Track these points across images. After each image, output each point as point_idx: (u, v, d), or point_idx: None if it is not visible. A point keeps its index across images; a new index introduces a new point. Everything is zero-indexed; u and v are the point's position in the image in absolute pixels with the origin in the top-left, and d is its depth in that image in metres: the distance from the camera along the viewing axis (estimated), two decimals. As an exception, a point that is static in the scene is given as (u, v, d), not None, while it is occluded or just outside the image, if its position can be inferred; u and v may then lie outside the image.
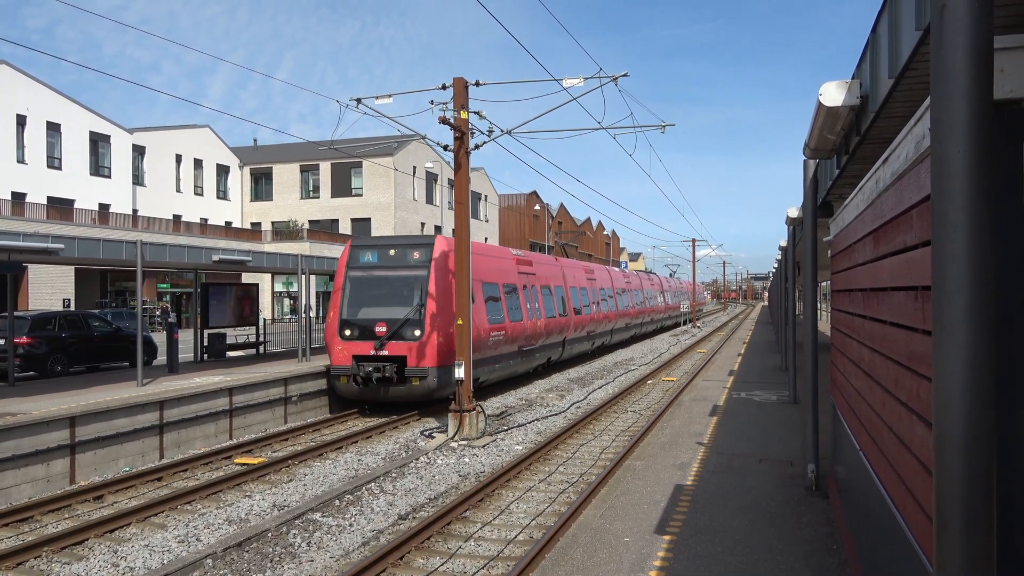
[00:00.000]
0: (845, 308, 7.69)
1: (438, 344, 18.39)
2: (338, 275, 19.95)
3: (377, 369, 18.34)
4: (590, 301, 33.37)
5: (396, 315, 18.81)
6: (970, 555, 2.34)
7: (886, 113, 6.01)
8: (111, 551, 9.39)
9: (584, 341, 32.57)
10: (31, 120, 42.92)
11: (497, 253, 24.62)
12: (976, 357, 2.33)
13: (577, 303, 31.16)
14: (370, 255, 19.81)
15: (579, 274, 33.25)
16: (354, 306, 19.33)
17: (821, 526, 9.06)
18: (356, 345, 18.86)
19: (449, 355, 18.32)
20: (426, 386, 18.32)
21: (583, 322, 31.67)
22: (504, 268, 23.58)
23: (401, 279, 19.31)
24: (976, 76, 2.36)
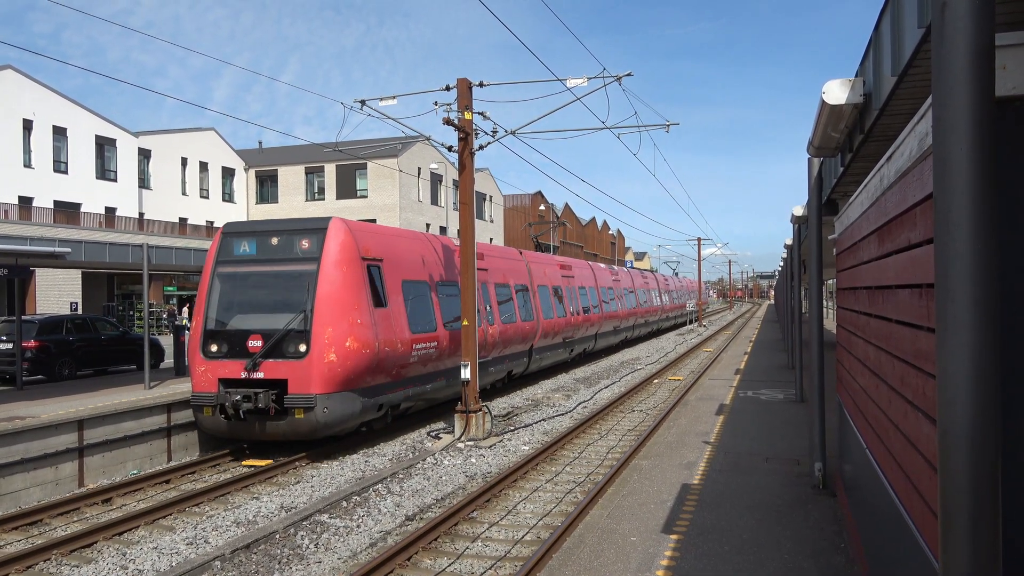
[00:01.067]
0: (851, 306, 7.68)
1: (330, 363, 14.04)
2: (205, 271, 15.58)
3: (247, 398, 13.92)
4: (567, 302, 29.15)
5: (275, 324, 14.46)
6: (976, 553, 2.34)
7: (889, 111, 6.01)
8: (120, 554, 9.43)
9: (559, 349, 28.26)
10: (37, 125, 43.11)
11: (428, 242, 19.55)
12: (980, 354, 2.33)
13: (548, 305, 26.85)
14: (247, 244, 15.42)
15: (551, 271, 28.87)
16: (223, 313, 15.03)
17: (828, 524, 9.05)
18: (223, 365, 14.50)
19: (349, 377, 14.31)
20: (312, 420, 13.82)
21: (556, 328, 27.31)
22: (439, 261, 19.17)
23: (284, 276, 14.96)
24: (978, 73, 2.36)
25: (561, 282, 29.22)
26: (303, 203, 60.75)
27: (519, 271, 24.99)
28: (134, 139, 50.18)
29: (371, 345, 14.66)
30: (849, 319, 7.91)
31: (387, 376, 15.55)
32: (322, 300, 14.37)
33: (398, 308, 16.13)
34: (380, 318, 15.15)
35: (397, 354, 15.72)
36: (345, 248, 14.95)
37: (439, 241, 20.13)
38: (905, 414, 4.54)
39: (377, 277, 15.66)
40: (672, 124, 18.60)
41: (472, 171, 16.36)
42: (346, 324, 14.39)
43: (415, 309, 16.93)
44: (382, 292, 15.46)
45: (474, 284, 16.40)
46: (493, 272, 22.38)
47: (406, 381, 16.47)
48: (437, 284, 18.44)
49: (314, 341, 14.14)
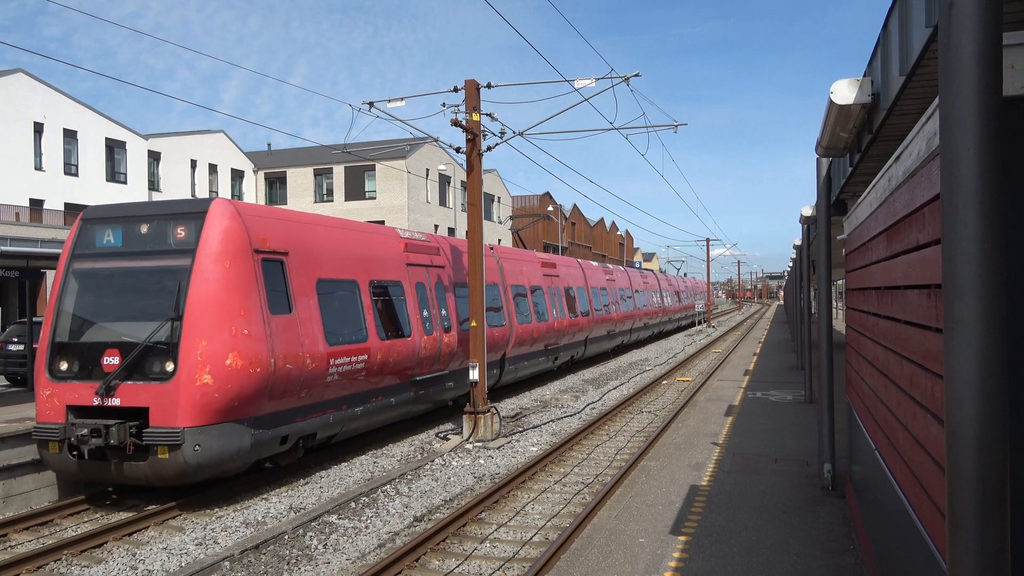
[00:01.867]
0: (859, 307, 7.65)
1: (203, 386, 10.98)
2: (58, 268, 12.53)
3: (96, 431, 10.87)
4: (550, 305, 26.01)
5: (138, 335, 11.45)
6: (983, 553, 2.34)
7: (898, 110, 5.99)
8: (130, 554, 9.48)
9: (540, 357, 25.07)
10: (48, 127, 43.38)
11: (363, 233, 16.03)
12: (987, 355, 2.32)
13: (524, 308, 23.62)
14: (110, 234, 12.32)
15: (531, 269, 25.41)
16: (76, 321, 12.03)
17: (838, 526, 9.02)
18: (72, 388, 11.52)
19: (231, 404, 11.26)
20: (179, 461, 10.83)
21: (535, 333, 24.02)
22: (377, 257, 15.86)
23: (152, 274, 11.94)
24: (985, 73, 2.36)
25: (543, 282, 26.01)
26: (312, 204, 60.93)
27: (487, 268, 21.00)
28: (144, 141, 50.45)
29: (263, 362, 11.61)
30: (858, 320, 7.88)
31: (293, 399, 12.56)
32: (195, 304, 11.30)
33: (309, 314, 12.98)
34: (280, 327, 12.12)
35: (306, 372, 12.58)
36: (230, 237, 11.82)
37: (380, 233, 16.74)
38: (914, 415, 4.52)
39: (278, 275, 12.55)
40: (680, 124, 18.58)
41: (480, 172, 16.39)
42: (227, 336, 11.28)
43: (336, 315, 13.80)
44: (286, 294, 12.50)
45: (482, 285, 16.41)
46: (452, 270, 19.32)
47: (324, 404, 13.47)
48: (373, 285, 15.23)
49: (183, 358, 11.09)
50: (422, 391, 16.92)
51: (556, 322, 26.15)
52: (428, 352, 16.87)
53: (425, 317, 16.96)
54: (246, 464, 11.99)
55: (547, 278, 26.62)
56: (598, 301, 32.32)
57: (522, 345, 22.84)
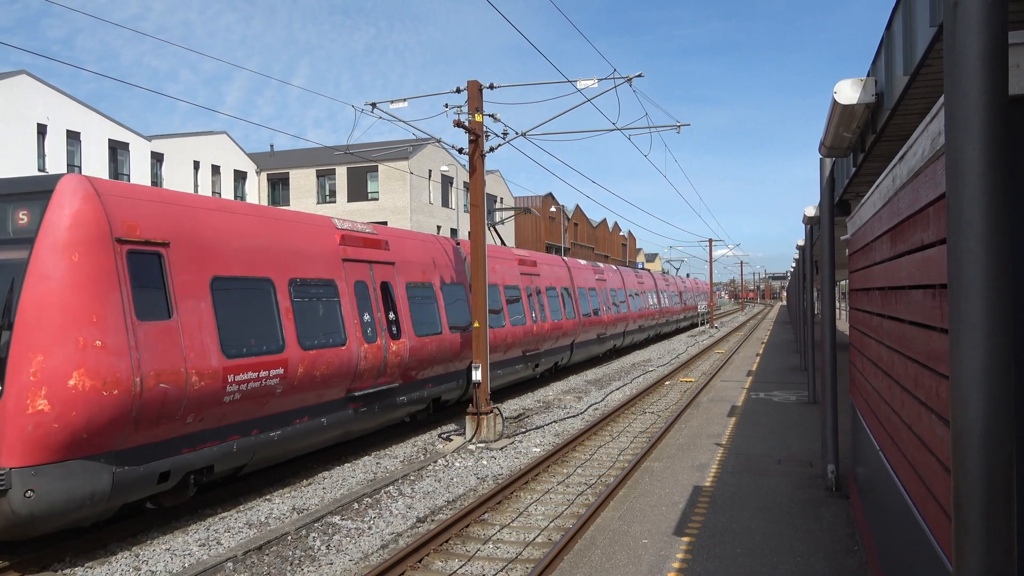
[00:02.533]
0: (863, 307, 7.64)
1: (37, 415, 8.70)
2: None
3: None
4: (528, 307, 23.47)
5: None
6: (989, 554, 2.32)
7: (902, 110, 5.98)
8: (133, 555, 9.48)
9: (517, 365, 22.41)
10: (51, 129, 43.49)
11: (278, 222, 13.12)
12: (993, 355, 2.31)
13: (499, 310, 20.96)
14: None
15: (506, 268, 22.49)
16: None
17: (841, 527, 9.00)
18: None
19: (79, 436, 8.94)
20: (5, 510, 8.54)
21: (510, 339, 21.41)
22: (298, 251, 13.12)
23: None
24: (991, 72, 2.35)
25: (521, 281, 23.50)
26: (314, 206, 60.98)
27: (448, 264, 18.93)
28: (147, 143, 50.55)
29: (122, 382, 9.26)
30: (862, 320, 7.87)
31: (176, 426, 10.15)
32: (30, 309, 8.98)
33: (198, 320, 10.58)
34: (153, 337, 9.76)
35: (192, 392, 10.17)
36: (81, 223, 9.48)
37: (306, 223, 13.84)
38: (918, 416, 4.51)
39: (152, 271, 10.16)
40: (683, 125, 18.57)
41: (483, 173, 16.38)
42: (71, 349, 8.98)
43: (239, 321, 11.38)
44: (164, 295, 10.18)
45: (484, 286, 16.40)
46: (404, 267, 16.45)
47: (225, 431, 11.05)
48: (294, 284, 12.75)
49: (10, 378, 8.75)
50: (364, 408, 14.42)
51: (536, 326, 23.63)
52: (370, 363, 14.20)
53: (367, 322, 14.36)
54: (109, 510, 9.63)
55: (526, 277, 24.07)
56: (586, 302, 30.10)
57: (494, 352, 19.96)
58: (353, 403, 14.08)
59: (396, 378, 15.45)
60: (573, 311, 28.03)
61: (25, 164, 42.46)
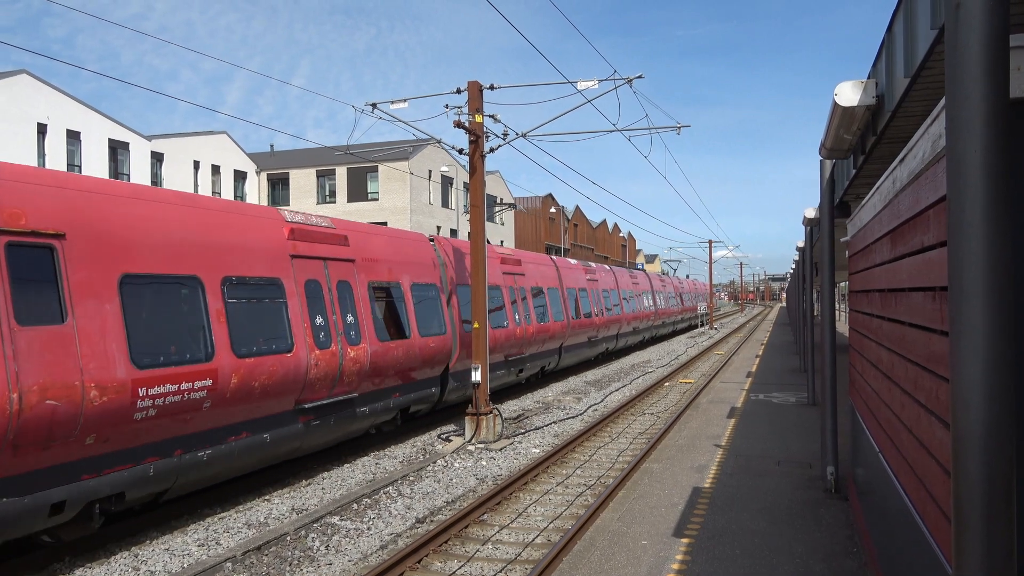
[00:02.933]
0: (863, 309, 7.64)
1: None
2: None
3: None
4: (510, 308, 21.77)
5: None
6: (990, 557, 2.32)
7: (902, 112, 5.98)
8: (132, 555, 9.48)
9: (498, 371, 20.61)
10: (52, 128, 43.50)
11: (212, 209, 11.75)
12: (994, 358, 2.31)
13: None
14: None
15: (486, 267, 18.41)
16: None
17: (841, 528, 9.00)
18: None
19: None
20: None
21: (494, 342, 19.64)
22: (234, 246, 11.64)
23: None
24: (992, 75, 2.35)
25: (503, 281, 21.75)
26: (314, 206, 60.99)
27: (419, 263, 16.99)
28: (147, 142, 50.55)
29: None
30: (861, 322, 7.87)
31: (72, 449, 8.79)
32: None
33: (101, 324, 9.18)
34: (39, 344, 8.39)
35: (91, 408, 8.80)
36: None
37: (246, 214, 12.26)
38: (918, 418, 4.51)
39: (42, 267, 8.87)
40: (683, 126, 18.57)
41: (483, 174, 16.39)
42: None
43: (156, 325, 10.04)
44: (56, 295, 8.82)
45: (484, 287, 16.39)
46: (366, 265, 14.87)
47: (139, 452, 9.67)
48: (228, 283, 11.38)
49: None
50: (318, 421, 12.94)
51: (519, 329, 21.84)
52: (323, 371, 12.73)
53: (319, 325, 12.88)
54: None
55: (509, 277, 22.28)
56: (576, 304, 28.54)
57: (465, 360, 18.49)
58: (304, 416, 12.60)
59: (356, 387, 13.93)
60: (562, 313, 26.52)
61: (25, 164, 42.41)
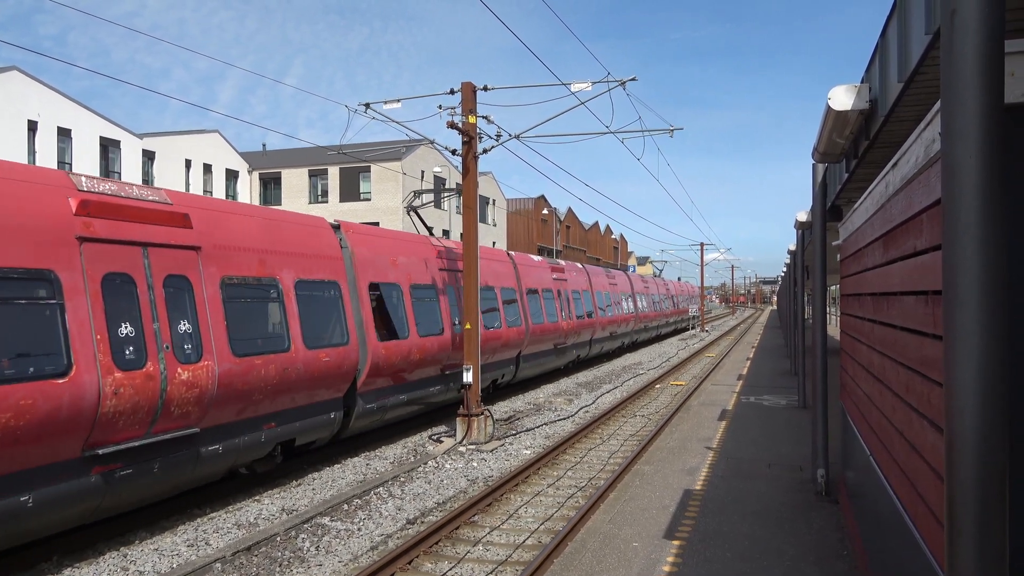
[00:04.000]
0: (855, 312, 7.67)
1: None
2: None
3: None
4: (443, 312, 17.93)
5: None
6: (983, 561, 2.33)
7: (895, 117, 6.00)
8: (121, 555, 9.42)
9: (432, 387, 17.31)
10: (42, 126, 43.27)
11: None
12: (989, 362, 2.32)
13: (398, 317, 16.06)
14: None
15: (409, 260, 17.03)
16: None
17: (831, 531, 9.02)
18: None
19: None
20: None
21: (412, 354, 16.15)
22: None
23: None
24: (987, 80, 2.36)
25: (438, 279, 18.05)
26: (306, 205, 60.86)
27: (312, 255, 13.57)
28: (138, 141, 50.33)
29: None
30: (853, 325, 7.89)
31: None
32: None
33: None
34: None
35: None
36: None
37: None
38: (910, 421, 4.52)
39: None
40: (676, 129, 18.60)
41: (476, 175, 16.38)
42: None
43: None
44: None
45: (476, 287, 16.38)
46: (219, 254, 11.39)
47: None
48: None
49: None
50: (128, 471, 9.56)
51: (459, 336, 17.79)
52: (130, 401, 9.35)
53: (125, 337, 9.54)
54: None
55: (447, 275, 18.60)
56: (539, 306, 25.03)
57: (386, 374, 15.08)
58: (101, 466, 9.21)
59: (196, 420, 10.54)
60: (519, 317, 22.87)
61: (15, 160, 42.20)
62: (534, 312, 24.49)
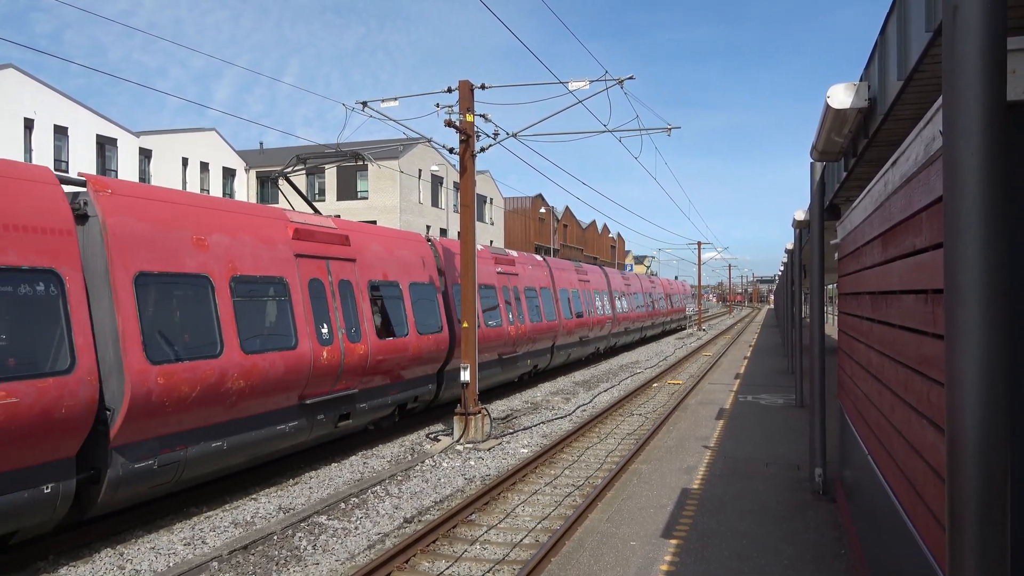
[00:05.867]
0: (853, 311, 7.66)
1: None
2: None
3: None
4: (333, 317, 13.45)
5: None
6: (984, 560, 2.32)
7: (894, 115, 5.99)
8: (117, 553, 9.40)
9: (320, 415, 13.19)
10: (39, 124, 43.15)
11: None
12: (990, 361, 2.30)
13: (253, 324, 11.69)
14: None
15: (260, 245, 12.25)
16: None
17: (829, 530, 9.02)
18: None
19: None
20: None
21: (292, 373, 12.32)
22: None
23: None
24: (989, 78, 2.35)
25: (296, 271, 12.80)
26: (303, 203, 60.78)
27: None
28: (135, 139, 50.23)
29: None
30: (851, 324, 7.89)
31: None
32: None
33: None
34: None
35: None
36: None
37: None
38: (908, 420, 4.51)
39: None
40: (674, 127, 18.60)
41: (473, 173, 16.35)
42: None
43: None
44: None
45: (474, 286, 16.35)
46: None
47: None
48: None
49: None
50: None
51: (328, 352, 13.02)
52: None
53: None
54: None
55: (316, 263, 13.42)
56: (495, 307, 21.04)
57: (250, 400, 11.31)
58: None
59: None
60: (441, 321, 17.67)
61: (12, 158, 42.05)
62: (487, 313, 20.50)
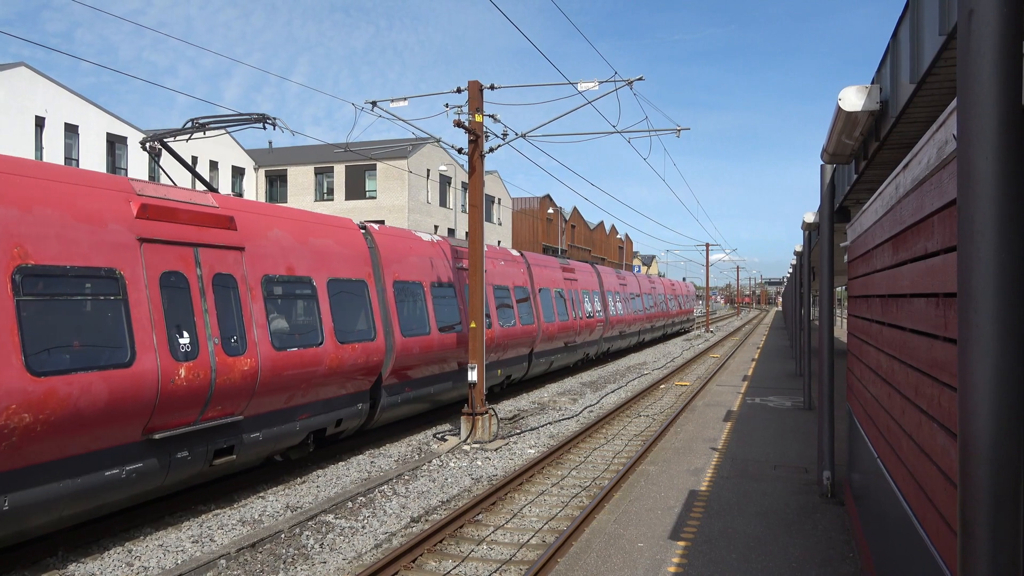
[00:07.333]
0: (863, 314, 7.63)
1: None
2: None
3: None
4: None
5: None
6: (996, 566, 2.31)
7: (906, 118, 5.97)
8: (126, 551, 9.44)
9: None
10: (50, 121, 43.39)
11: None
12: (1004, 365, 2.29)
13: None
14: None
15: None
16: None
17: (837, 533, 9.00)
18: None
19: None
20: None
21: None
22: None
23: None
24: (1004, 81, 2.34)
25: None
26: (312, 203, 60.94)
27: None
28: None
29: None
30: (861, 327, 7.86)
31: None
32: None
33: None
34: None
35: None
36: None
37: None
38: (919, 424, 4.50)
39: None
40: (683, 129, 18.55)
41: (482, 173, 16.35)
42: None
43: None
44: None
45: (482, 285, 16.34)
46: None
47: None
48: None
49: None
50: None
51: (197, 368, 10.10)
52: None
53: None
54: None
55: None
56: (425, 310, 16.75)
57: None
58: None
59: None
60: (369, 327, 14.33)
61: (23, 156, 42.29)
62: (415, 319, 16.29)
